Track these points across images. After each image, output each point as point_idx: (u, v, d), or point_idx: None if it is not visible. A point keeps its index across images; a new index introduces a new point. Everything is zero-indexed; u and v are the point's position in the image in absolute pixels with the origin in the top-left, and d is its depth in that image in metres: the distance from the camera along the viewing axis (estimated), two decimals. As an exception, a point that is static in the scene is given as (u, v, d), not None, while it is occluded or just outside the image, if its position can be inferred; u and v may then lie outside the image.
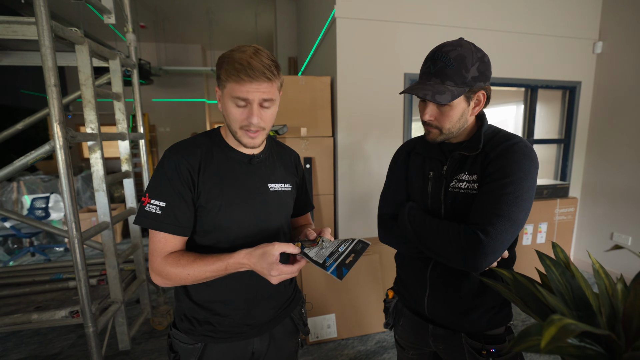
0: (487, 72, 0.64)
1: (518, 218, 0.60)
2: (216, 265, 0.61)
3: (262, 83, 0.59)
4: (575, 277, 0.37)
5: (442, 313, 0.75)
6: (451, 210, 0.70)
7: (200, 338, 0.69)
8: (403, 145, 0.87)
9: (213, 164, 0.67)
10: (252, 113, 0.61)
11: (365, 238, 2.20)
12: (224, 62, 0.60)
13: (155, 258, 0.63)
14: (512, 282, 0.42)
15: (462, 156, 0.70)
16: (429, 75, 0.65)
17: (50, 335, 1.87)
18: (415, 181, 0.78)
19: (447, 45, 0.64)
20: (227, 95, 0.61)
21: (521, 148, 0.63)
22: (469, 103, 0.66)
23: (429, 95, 0.62)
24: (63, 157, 1.14)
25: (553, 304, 0.34)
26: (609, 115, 2.45)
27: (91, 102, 1.36)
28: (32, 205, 3.29)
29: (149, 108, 6.21)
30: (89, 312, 1.22)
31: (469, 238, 0.60)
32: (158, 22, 5.24)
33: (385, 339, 1.82)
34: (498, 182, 0.62)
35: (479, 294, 0.71)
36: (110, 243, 1.47)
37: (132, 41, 1.81)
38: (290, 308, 0.80)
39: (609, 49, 2.42)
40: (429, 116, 0.67)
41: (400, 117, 2.19)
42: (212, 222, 0.66)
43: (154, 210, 0.62)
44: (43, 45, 1.07)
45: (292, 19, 4.32)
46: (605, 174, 2.47)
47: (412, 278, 0.81)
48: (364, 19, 2.04)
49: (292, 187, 0.78)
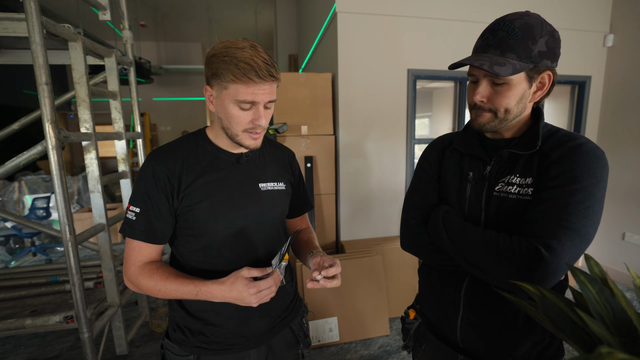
0: (557, 49, 0.53)
1: (588, 233, 0.50)
2: (188, 288, 0.59)
3: (269, 84, 0.57)
4: (616, 296, 0.32)
5: (478, 342, 0.61)
6: (494, 218, 0.59)
7: (193, 350, 0.66)
8: (436, 141, 0.74)
9: (198, 166, 0.64)
10: (260, 115, 0.59)
11: (369, 239, 2.17)
12: (223, 61, 0.55)
13: (130, 267, 0.62)
14: (540, 299, 0.36)
15: (512, 155, 0.59)
16: (486, 47, 0.54)
17: (49, 338, 1.85)
18: (451, 183, 0.66)
19: (511, 15, 0.54)
20: (229, 97, 0.57)
21: (591, 149, 0.53)
22: (531, 84, 0.54)
23: (486, 64, 0.50)
24: (55, 158, 1.11)
25: (595, 330, 0.29)
26: (620, 111, 2.37)
27: (85, 100, 1.33)
28: (34, 205, 3.29)
29: (150, 107, 6.20)
30: (83, 317, 1.19)
31: (527, 253, 0.49)
32: (158, 21, 5.21)
33: (389, 344, 1.78)
34: (564, 188, 0.51)
35: (528, 322, 0.58)
36: (106, 245, 1.44)
37: (128, 38, 1.78)
38: (290, 318, 0.75)
39: (621, 41, 2.33)
40: (480, 96, 0.55)
41: (403, 114, 2.14)
42: (199, 226, 0.63)
43: (130, 217, 0.61)
44: (33, 42, 1.04)
45: (292, 16, 4.27)
46: (616, 171, 2.39)
47: (440, 296, 0.68)
48: (366, 14, 1.98)
49: (287, 186, 0.74)
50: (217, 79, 0.57)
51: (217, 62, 0.56)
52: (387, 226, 2.22)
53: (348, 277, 1.81)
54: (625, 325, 0.31)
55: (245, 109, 0.58)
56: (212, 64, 0.57)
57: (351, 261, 1.83)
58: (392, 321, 1.92)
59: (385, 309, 1.85)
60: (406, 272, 1.98)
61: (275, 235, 0.72)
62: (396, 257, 1.98)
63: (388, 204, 2.21)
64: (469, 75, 0.59)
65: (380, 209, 2.20)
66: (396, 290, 1.96)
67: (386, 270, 1.95)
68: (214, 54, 0.57)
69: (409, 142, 2.17)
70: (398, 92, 2.10)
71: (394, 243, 2.05)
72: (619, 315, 0.32)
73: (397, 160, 2.19)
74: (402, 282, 1.98)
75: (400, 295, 1.96)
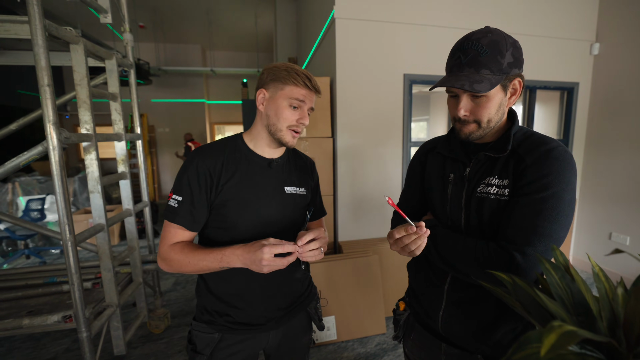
0: (521, 57, 0.59)
1: (559, 236, 0.55)
2: (213, 255, 0.66)
3: (314, 95, 0.71)
4: (575, 281, 0.36)
5: (458, 332, 0.68)
6: (475, 216, 0.63)
7: (219, 328, 0.74)
8: (424, 144, 0.81)
9: (234, 166, 0.72)
10: (305, 115, 0.71)
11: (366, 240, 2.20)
12: (285, 70, 0.69)
13: (164, 245, 0.70)
14: (512, 285, 0.40)
15: (488, 158, 0.64)
16: (461, 66, 0.58)
17: (44, 340, 1.84)
18: (434, 184, 0.72)
19: (475, 33, 0.59)
20: (284, 96, 0.69)
21: (561, 154, 0.57)
22: (505, 92, 0.60)
23: (466, 84, 0.55)
24: (56, 159, 1.12)
25: (553, 309, 0.33)
26: (606, 115, 2.46)
27: (86, 102, 1.35)
28: (28, 207, 3.26)
29: (148, 108, 6.19)
30: (82, 316, 1.20)
31: (503, 260, 0.55)
32: (157, 22, 5.23)
33: (386, 341, 1.80)
34: (537, 195, 0.56)
35: (502, 313, 0.64)
36: (105, 246, 1.45)
37: (129, 41, 1.80)
38: (306, 302, 0.84)
39: (606, 50, 2.43)
40: (464, 111, 0.60)
41: (399, 117, 2.19)
42: (229, 220, 0.71)
43: (172, 204, 0.69)
44: (36, 44, 1.05)
45: (292, 19, 4.32)
46: (604, 174, 2.47)
47: (425, 290, 0.74)
48: (363, 20, 2.03)
49: (307, 192, 0.82)
50: (275, 82, 0.69)
51: (279, 70, 0.69)
52: (384, 227, 2.26)
53: (346, 277, 1.83)
54: (582, 307, 0.35)
55: (295, 106, 0.70)
56: (273, 72, 0.70)
57: (349, 261, 1.86)
58: (389, 319, 1.95)
59: (381, 307, 1.88)
60: (402, 271, 2.01)
61: (293, 237, 0.77)
62: (392, 257, 2.01)
63: (385, 205, 2.24)
64: (447, 92, 0.64)
65: (377, 210, 2.23)
66: (392, 289, 1.99)
67: (383, 270, 1.98)
68: (276, 66, 0.70)
69: (405, 144, 2.22)
70: (394, 97, 2.15)
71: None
72: (577, 298, 0.36)
73: (393, 162, 2.23)
74: (397, 281, 2.01)
75: (396, 294, 1.98)
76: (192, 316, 2.11)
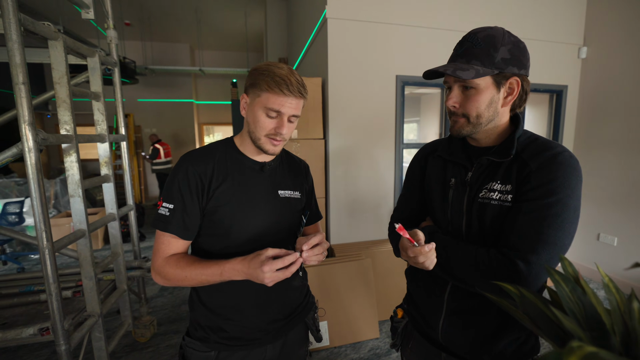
0: (523, 58, 0.57)
1: (564, 244, 0.53)
2: (212, 270, 0.62)
3: (296, 99, 0.64)
4: (587, 294, 0.34)
5: (458, 341, 0.65)
6: (476, 222, 0.61)
7: (214, 346, 0.70)
8: (424, 147, 0.79)
9: (226, 170, 0.69)
10: (282, 125, 0.65)
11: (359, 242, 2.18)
12: (262, 74, 0.63)
13: (157, 258, 0.66)
14: (519, 298, 0.38)
15: (491, 162, 0.62)
16: (455, 57, 0.59)
17: (20, 352, 1.74)
18: (435, 188, 0.70)
19: (478, 28, 0.59)
20: (260, 104, 0.64)
21: (566, 159, 0.55)
22: (499, 89, 0.58)
23: (450, 70, 0.55)
24: (32, 161, 1.05)
25: (569, 326, 0.31)
26: (594, 118, 2.53)
27: (66, 101, 1.27)
28: (5, 210, 3.10)
29: (135, 108, 6.01)
30: (60, 328, 1.12)
31: (505, 269, 0.53)
32: (144, 20, 5.09)
33: (379, 346, 1.78)
34: (542, 201, 0.54)
35: (504, 322, 0.62)
36: (86, 252, 1.37)
37: (113, 38, 1.72)
38: (304, 313, 0.80)
39: (594, 54, 2.50)
40: (452, 101, 0.60)
41: (392, 119, 2.18)
42: (222, 226, 0.68)
43: (163, 212, 0.66)
44: (10, 39, 0.98)
45: (282, 19, 4.28)
46: (591, 175, 2.53)
47: (425, 298, 0.72)
48: (356, 20, 2.02)
49: (302, 195, 0.80)
50: (253, 88, 0.65)
51: (257, 74, 0.64)
52: (377, 230, 2.24)
53: (338, 281, 1.81)
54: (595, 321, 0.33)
55: (272, 116, 0.64)
56: (252, 76, 0.65)
57: (341, 264, 1.83)
58: (382, 324, 1.93)
59: (374, 311, 1.86)
60: (395, 274, 2.00)
61: (289, 242, 0.75)
62: (385, 260, 2.00)
63: (377, 207, 2.23)
64: (444, 83, 0.63)
65: (369, 213, 2.22)
66: (385, 293, 1.98)
67: (376, 273, 1.96)
68: (256, 69, 0.65)
69: (398, 146, 2.22)
70: (387, 98, 2.14)
71: (383, 246, 2.07)
72: (589, 311, 0.34)
73: (386, 164, 2.22)
74: (391, 284, 2.00)
75: (390, 298, 1.97)
76: (179, 323, 2.04)
